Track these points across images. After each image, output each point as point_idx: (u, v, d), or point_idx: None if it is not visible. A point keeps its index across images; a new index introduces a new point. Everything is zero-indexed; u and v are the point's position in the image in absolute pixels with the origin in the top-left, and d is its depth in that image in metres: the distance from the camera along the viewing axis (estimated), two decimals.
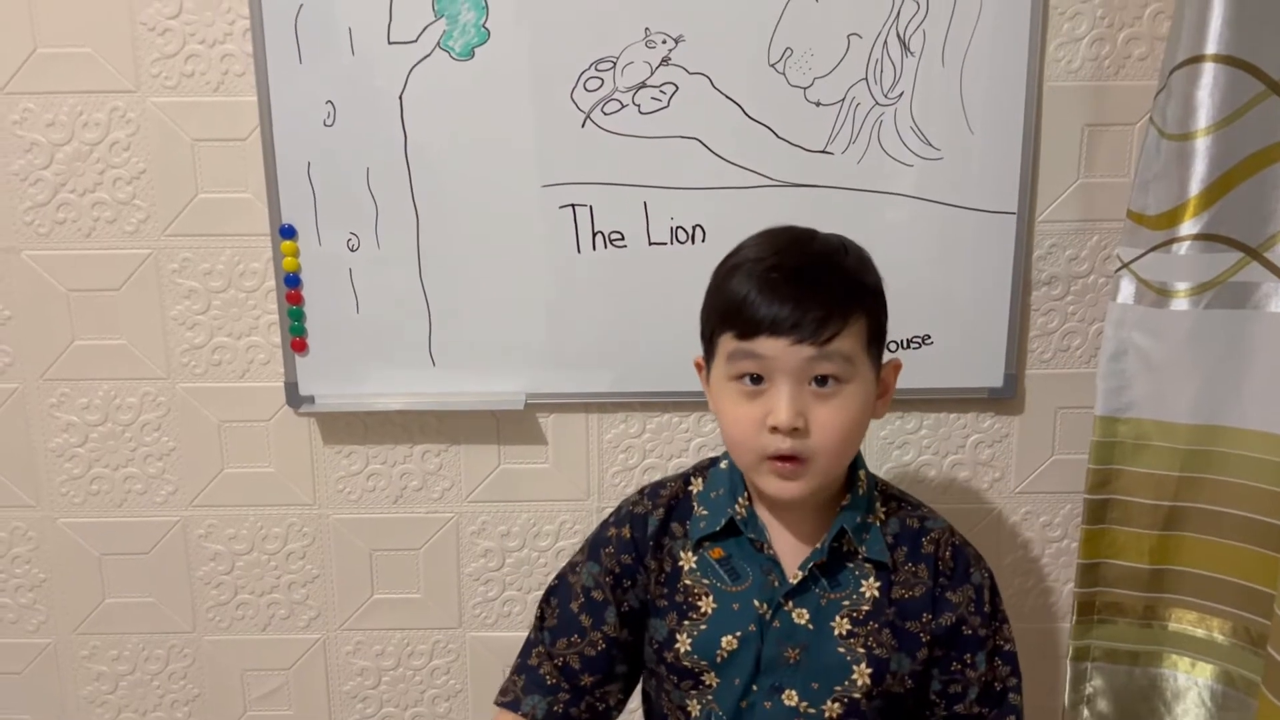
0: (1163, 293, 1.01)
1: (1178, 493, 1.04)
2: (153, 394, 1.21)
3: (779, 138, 1.11)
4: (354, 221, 1.14)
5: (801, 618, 0.87)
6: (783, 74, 1.09)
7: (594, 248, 1.14)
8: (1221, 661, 1.06)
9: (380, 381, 1.18)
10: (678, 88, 1.10)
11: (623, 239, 1.14)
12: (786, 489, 0.84)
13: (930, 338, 1.16)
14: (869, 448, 1.21)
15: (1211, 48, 0.95)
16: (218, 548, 1.26)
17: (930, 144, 1.11)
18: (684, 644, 0.89)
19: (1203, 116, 0.96)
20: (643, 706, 0.99)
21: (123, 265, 1.17)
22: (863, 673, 0.87)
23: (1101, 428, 1.06)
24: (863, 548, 0.88)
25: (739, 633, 0.88)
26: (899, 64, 1.09)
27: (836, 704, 0.87)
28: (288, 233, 1.14)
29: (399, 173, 1.12)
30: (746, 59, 1.09)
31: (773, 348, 0.80)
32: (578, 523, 1.25)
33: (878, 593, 0.88)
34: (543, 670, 0.93)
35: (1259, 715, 0.93)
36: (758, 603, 0.88)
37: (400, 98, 1.10)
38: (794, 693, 0.87)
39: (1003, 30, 1.09)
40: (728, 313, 0.83)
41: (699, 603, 0.89)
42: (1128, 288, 1.03)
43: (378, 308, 1.16)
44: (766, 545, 0.88)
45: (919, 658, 0.89)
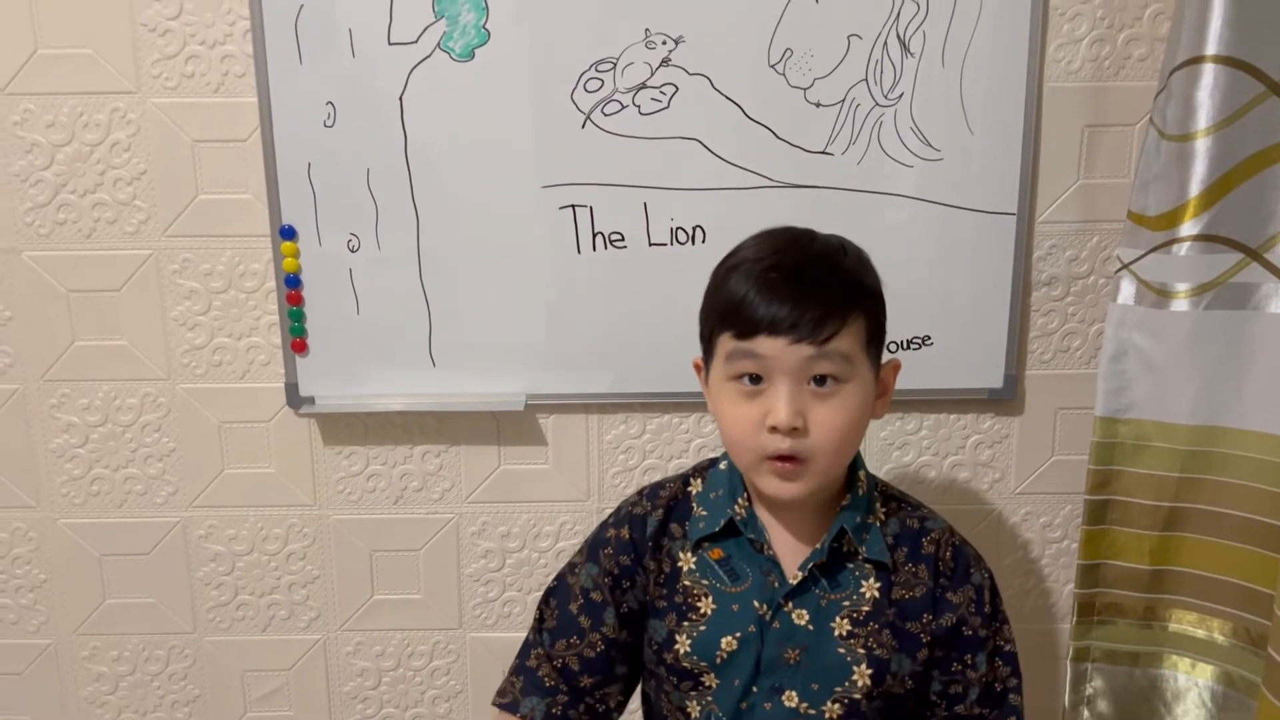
0: (1163, 294, 1.01)
1: (1178, 493, 1.04)
2: (153, 395, 1.21)
3: (779, 138, 1.11)
4: (354, 222, 1.14)
5: (801, 618, 0.87)
6: (783, 75, 1.09)
7: (594, 248, 1.14)
8: (1222, 662, 1.06)
9: (380, 382, 1.18)
10: (678, 88, 1.10)
11: (623, 240, 1.14)
12: (786, 489, 0.84)
13: (930, 338, 1.16)
14: (869, 448, 1.21)
15: (1211, 48, 0.95)
16: (218, 548, 1.26)
17: (930, 145, 1.11)
18: (683, 645, 0.89)
19: (1203, 117, 0.96)
20: (642, 708, 0.99)
21: (123, 266, 1.17)
22: (863, 673, 0.87)
23: (1102, 428, 1.06)
24: (863, 548, 0.88)
25: (739, 633, 0.88)
26: (899, 65, 1.09)
27: (837, 705, 0.87)
28: (288, 233, 1.14)
29: (399, 173, 1.12)
30: (746, 60, 1.09)
31: (771, 347, 0.80)
32: (578, 524, 1.25)
33: (878, 593, 0.88)
34: (541, 672, 0.93)
35: (1259, 716, 0.93)
36: (757, 603, 0.88)
37: (400, 99, 1.10)
38: (794, 693, 0.87)
39: (1003, 31, 1.09)
40: (726, 313, 0.83)
41: (698, 604, 0.89)
42: (1128, 288, 1.03)
43: (378, 308, 1.16)
44: (766, 546, 0.88)
45: (919, 658, 0.89)
